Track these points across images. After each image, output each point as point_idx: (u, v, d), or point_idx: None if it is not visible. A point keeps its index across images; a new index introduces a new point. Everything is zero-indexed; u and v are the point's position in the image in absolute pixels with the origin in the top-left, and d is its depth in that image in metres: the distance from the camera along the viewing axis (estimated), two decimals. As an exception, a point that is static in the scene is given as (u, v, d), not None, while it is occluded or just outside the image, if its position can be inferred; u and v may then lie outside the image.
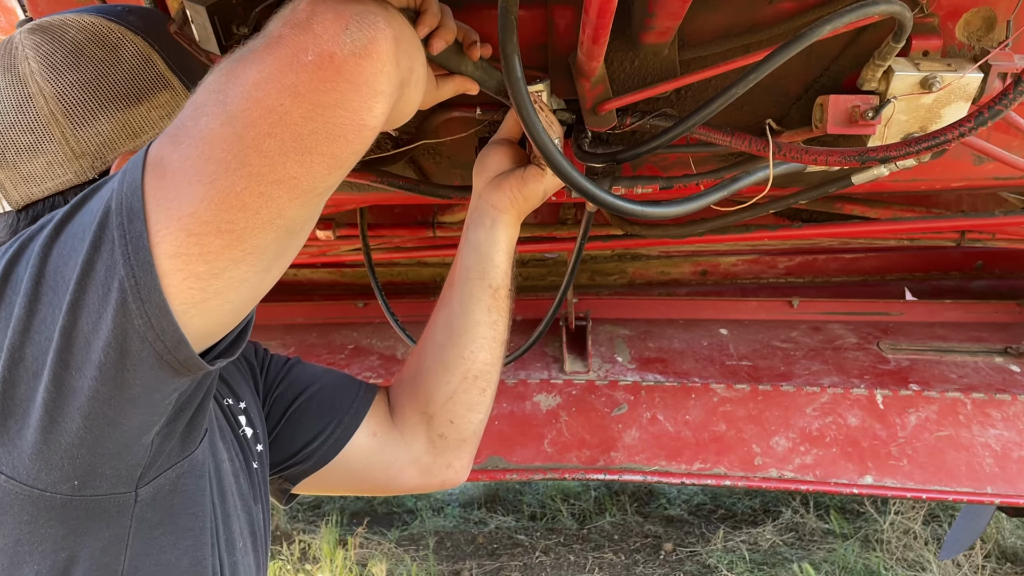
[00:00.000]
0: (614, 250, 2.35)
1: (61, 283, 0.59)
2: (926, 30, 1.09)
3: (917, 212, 1.73)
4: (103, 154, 0.80)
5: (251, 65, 0.60)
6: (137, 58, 0.83)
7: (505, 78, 0.93)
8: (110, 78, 0.81)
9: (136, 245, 0.57)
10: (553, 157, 1.00)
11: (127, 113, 0.81)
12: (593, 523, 3.59)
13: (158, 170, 0.59)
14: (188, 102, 0.62)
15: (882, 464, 1.70)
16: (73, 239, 0.60)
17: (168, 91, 0.84)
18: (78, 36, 0.81)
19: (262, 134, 0.58)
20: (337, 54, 0.60)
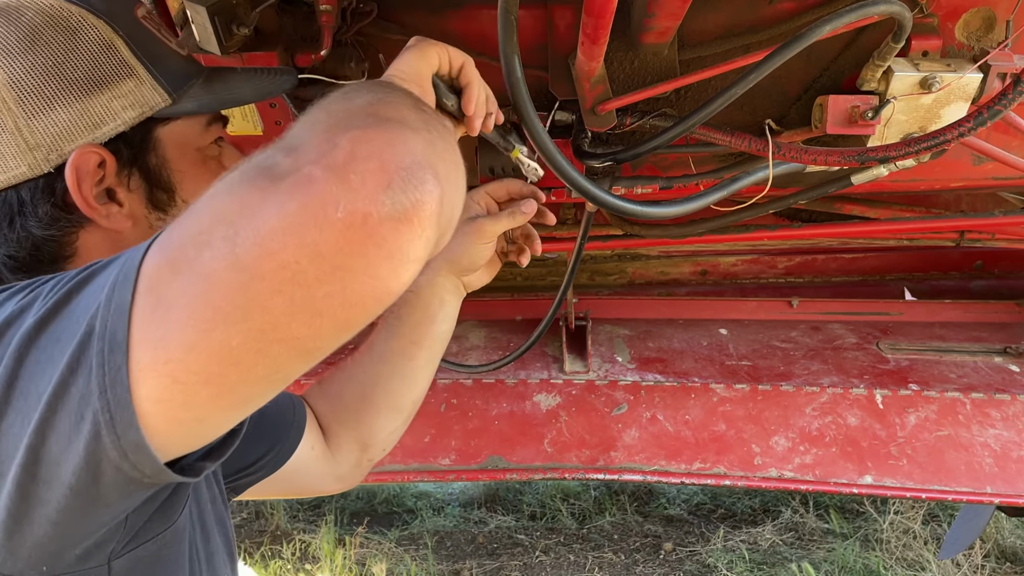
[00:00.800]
0: (614, 250, 2.35)
1: (33, 393, 0.54)
2: (926, 30, 1.10)
3: (917, 212, 1.73)
4: (59, 146, 0.75)
5: (270, 206, 0.51)
6: (98, 43, 0.78)
7: (505, 79, 0.93)
8: (68, 64, 0.75)
9: (114, 379, 0.51)
10: (553, 157, 1.00)
11: (86, 102, 0.76)
12: (593, 523, 3.59)
13: (151, 298, 0.52)
14: (193, 213, 0.55)
15: (882, 464, 1.70)
16: (52, 346, 0.54)
17: (132, 79, 0.79)
18: (35, 19, 0.75)
19: (271, 290, 0.50)
20: (372, 216, 0.51)
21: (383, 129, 0.56)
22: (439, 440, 1.81)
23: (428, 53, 0.84)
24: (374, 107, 0.61)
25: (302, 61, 1.10)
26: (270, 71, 0.96)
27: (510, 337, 2.10)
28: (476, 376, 1.92)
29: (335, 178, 0.51)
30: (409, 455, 1.79)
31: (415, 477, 1.79)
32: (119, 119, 0.78)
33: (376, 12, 1.14)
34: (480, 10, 1.17)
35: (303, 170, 0.52)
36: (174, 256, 0.53)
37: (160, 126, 0.82)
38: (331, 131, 0.55)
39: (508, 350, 1.96)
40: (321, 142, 0.54)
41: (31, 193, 0.75)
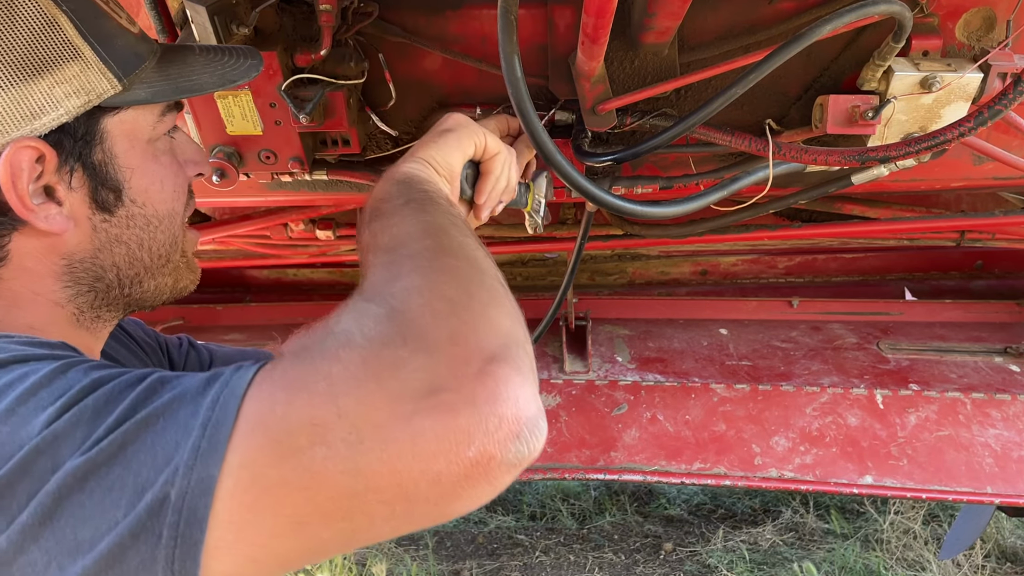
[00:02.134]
0: (614, 250, 2.35)
1: (70, 539, 0.49)
2: (926, 30, 1.10)
3: (917, 212, 1.73)
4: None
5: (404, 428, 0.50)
6: (38, 19, 0.67)
7: (505, 78, 0.93)
8: (2, 44, 0.65)
9: (185, 553, 0.48)
10: (553, 157, 1.00)
11: (22, 89, 0.65)
12: (593, 523, 3.59)
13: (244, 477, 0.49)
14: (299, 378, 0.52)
15: (882, 464, 1.70)
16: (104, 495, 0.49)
17: (77, 62, 0.69)
18: None
19: (380, 501, 0.50)
20: (496, 459, 0.52)
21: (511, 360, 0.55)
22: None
23: (466, 144, 0.85)
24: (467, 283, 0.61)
25: (302, 61, 1.10)
26: (233, 52, 0.86)
27: (510, 337, 2.09)
28: (476, 376, 1.92)
29: (477, 418, 0.51)
30: (409, 455, 1.79)
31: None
32: (61, 108, 0.68)
33: (376, 12, 1.14)
34: (480, 10, 1.17)
35: (442, 396, 0.51)
36: (279, 440, 0.50)
37: (107, 116, 0.73)
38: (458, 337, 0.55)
39: (508, 350, 1.96)
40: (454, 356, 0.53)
41: None
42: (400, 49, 1.21)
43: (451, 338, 0.55)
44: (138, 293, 0.81)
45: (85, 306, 0.77)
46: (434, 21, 1.19)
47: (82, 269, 0.74)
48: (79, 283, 0.75)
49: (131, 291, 0.80)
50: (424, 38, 1.19)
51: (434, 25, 1.19)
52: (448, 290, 0.59)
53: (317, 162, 1.31)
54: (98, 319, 0.79)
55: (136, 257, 0.78)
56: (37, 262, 0.72)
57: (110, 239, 0.75)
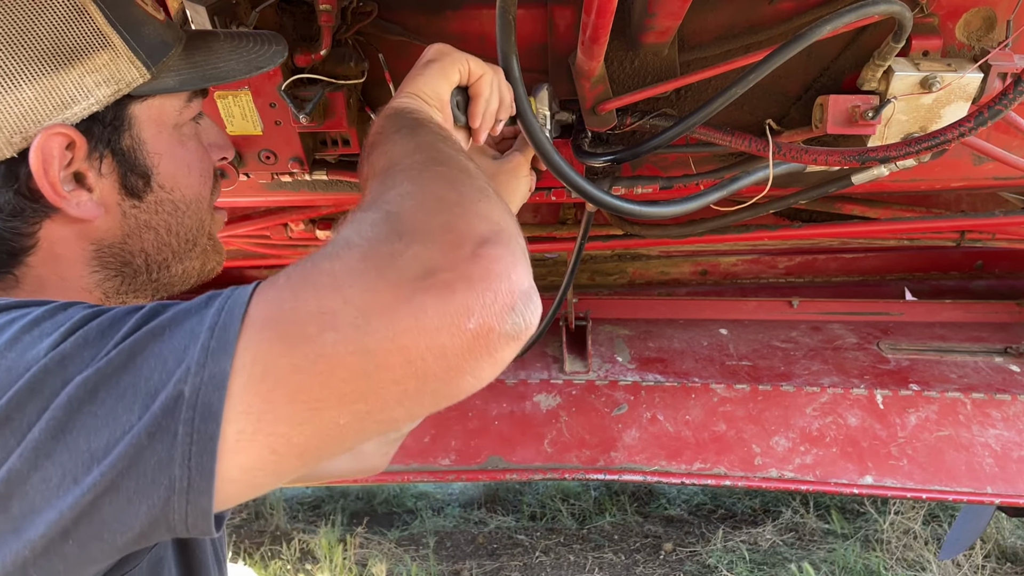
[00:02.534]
0: (614, 250, 2.35)
1: (83, 450, 0.50)
2: (926, 30, 1.10)
3: (917, 212, 1.73)
4: (23, 127, 0.65)
5: (408, 307, 0.52)
6: (68, 8, 0.67)
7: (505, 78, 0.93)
8: (34, 34, 0.65)
9: (202, 448, 0.50)
10: (551, 157, 1.00)
11: (55, 78, 0.66)
12: (593, 523, 3.59)
13: (257, 369, 0.50)
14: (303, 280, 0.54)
15: (882, 464, 1.70)
16: (116, 403, 0.50)
17: (107, 51, 0.69)
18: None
19: (391, 379, 0.53)
20: (495, 330, 0.55)
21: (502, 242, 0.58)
22: (439, 440, 1.81)
23: (449, 71, 0.84)
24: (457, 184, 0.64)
25: (302, 61, 1.10)
26: (256, 37, 0.86)
27: (510, 337, 2.09)
28: (476, 376, 1.92)
29: (473, 292, 0.54)
30: (409, 455, 1.79)
31: (415, 477, 1.78)
32: (92, 97, 0.68)
33: (376, 12, 1.14)
34: (479, 10, 1.17)
35: (440, 276, 0.54)
36: (289, 331, 0.52)
37: (135, 103, 0.73)
38: (450, 225, 0.58)
39: (508, 350, 1.96)
40: (447, 242, 0.56)
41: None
42: (400, 49, 1.21)
43: (444, 227, 0.57)
44: (166, 278, 0.81)
45: (112, 291, 0.77)
46: (434, 21, 1.19)
47: (111, 254, 0.75)
48: (107, 268, 0.76)
49: (159, 276, 0.80)
50: (424, 38, 1.19)
51: (434, 25, 1.19)
52: (439, 190, 0.62)
53: (317, 162, 1.31)
54: (125, 304, 0.78)
55: (164, 242, 0.79)
56: (67, 248, 0.72)
57: (139, 224, 0.76)
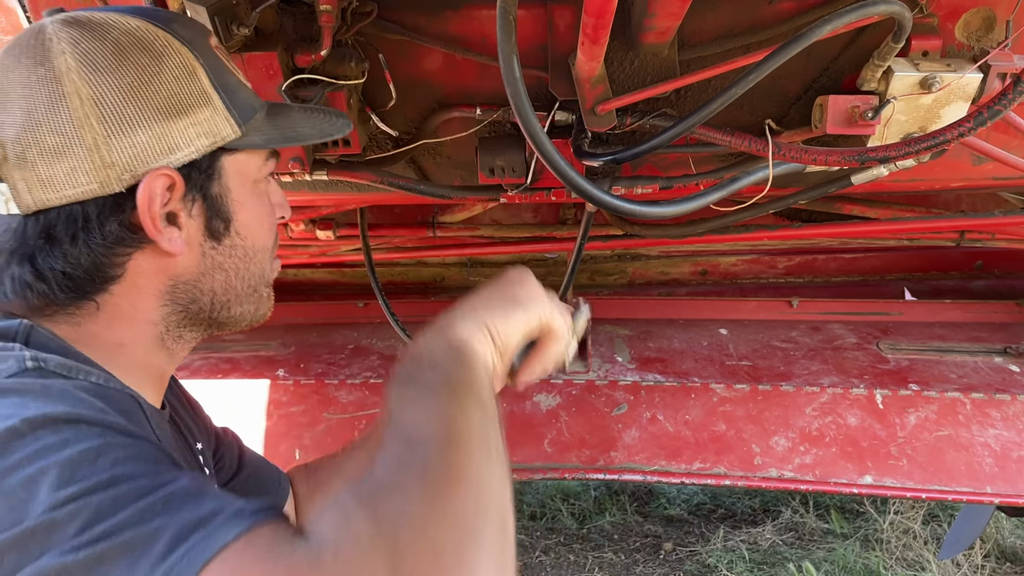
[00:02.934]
0: (614, 250, 2.35)
1: None
2: (926, 30, 1.10)
3: (917, 212, 1.73)
4: (134, 167, 0.74)
5: None
6: (181, 69, 0.78)
7: (504, 79, 0.93)
8: (152, 87, 0.75)
9: None
10: (551, 158, 1.00)
11: (165, 126, 0.76)
12: (593, 523, 3.59)
13: None
14: None
15: (881, 464, 1.70)
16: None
17: (208, 108, 0.79)
18: (122, 38, 0.75)
19: None
20: None
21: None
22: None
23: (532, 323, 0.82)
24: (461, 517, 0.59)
25: (302, 61, 1.10)
26: (325, 111, 0.96)
27: (510, 337, 2.09)
28: (476, 376, 1.92)
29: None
30: (409, 455, 1.79)
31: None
32: (193, 146, 0.78)
33: (376, 12, 1.14)
34: (479, 10, 1.17)
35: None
36: None
37: (226, 156, 0.82)
38: None
39: (508, 350, 1.96)
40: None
41: (98, 210, 0.74)
42: (400, 49, 1.21)
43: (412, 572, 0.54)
44: (224, 317, 0.88)
45: (173, 325, 0.84)
46: (434, 21, 1.19)
47: (183, 291, 0.83)
48: (176, 303, 0.83)
49: (218, 315, 0.87)
50: (424, 38, 1.19)
51: (434, 25, 1.19)
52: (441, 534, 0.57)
53: (317, 162, 1.31)
54: (180, 338, 0.86)
55: (231, 284, 0.86)
56: (148, 281, 0.80)
57: (214, 265, 0.84)
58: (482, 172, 1.31)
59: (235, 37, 1.02)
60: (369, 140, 1.35)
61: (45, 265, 0.74)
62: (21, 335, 0.72)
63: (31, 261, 0.74)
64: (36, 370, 0.66)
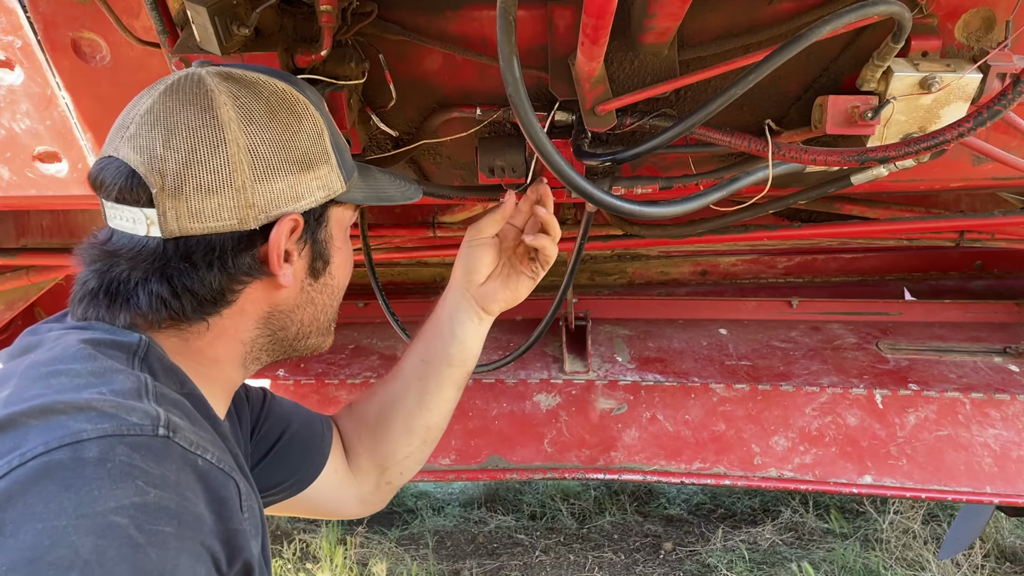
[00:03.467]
0: (614, 250, 2.35)
1: None
2: (925, 31, 1.10)
3: (916, 212, 1.74)
4: (268, 209, 0.84)
5: None
6: (314, 130, 0.89)
7: (504, 79, 0.94)
8: (294, 143, 0.86)
9: None
10: (551, 157, 1.00)
11: (298, 177, 0.87)
12: (593, 523, 3.59)
13: None
14: None
15: (881, 464, 1.70)
16: None
17: (327, 165, 0.90)
18: (272, 98, 0.86)
19: None
20: None
21: None
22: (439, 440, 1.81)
23: None
24: None
25: (302, 61, 1.10)
26: (402, 177, 1.10)
27: (510, 337, 2.10)
28: (476, 376, 1.92)
29: None
30: (409, 455, 1.79)
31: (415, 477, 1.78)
32: (313, 196, 0.89)
33: (376, 12, 1.14)
34: (479, 10, 1.17)
35: None
36: None
37: (333, 207, 0.94)
38: None
39: (508, 350, 1.96)
40: None
41: (233, 243, 0.83)
42: (400, 49, 1.21)
43: None
44: (300, 346, 0.99)
45: (258, 348, 0.94)
46: (434, 21, 1.19)
47: (277, 319, 0.93)
48: (268, 327, 0.93)
49: (297, 343, 0.98)
50: (424, 38, 1.19)
51: (434, 25, 1.19)
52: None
53: (317, 162, 1.31)
54: (258, 360, 0.95)
55: (316, 318, 0.98)
56: (253, 307, 0.90)
57: (308, 299, 0.95)
58: (482, 172, 1.31)
59: (235, 37, 1.02)
60: (369, 140, 1.35)
61: (180, 284, 0.82)
62: (141, 350, 0.79)
63: (170, 280, 0.82)
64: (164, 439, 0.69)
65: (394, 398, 1.22)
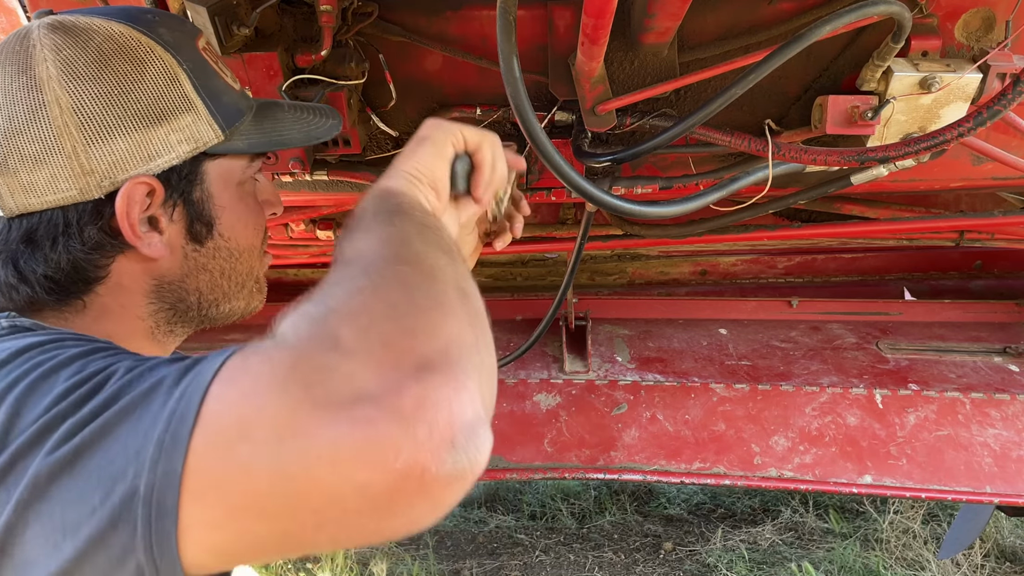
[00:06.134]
0: (614, 250, 2.35)
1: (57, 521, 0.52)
2: (925, 30, 1.10)
3: (916, 212, 1.74)
4: (113, 174, 0.75)
5: (324, 434, 0.49)
6: (163, 76, 0.78)
7: (504, 79, 0.94)
8: (133, 95, 0.76)
9: (162, 541, 0.51)
10: (551, 157, 1.00)
11: (145, 134, 0.76)
12: (593, 522, 3.59)
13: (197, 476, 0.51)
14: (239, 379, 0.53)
15: (881, 463, 1.70)
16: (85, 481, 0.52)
17: (190, 113, 0.79)
18: (104, 45, 0.75)
19: (306, 508, 0.50)
20: (431, 471, 0.49)
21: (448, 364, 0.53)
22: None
23: (443, 147, 0.83)
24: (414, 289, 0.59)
25: (302, 61, 1.10)
26: (316, 110, 0.96)
27: (510, 337, 2.10)
28: (476, 376, 1.92)
29: (401, 426, 0.48)
30: (409, 455, 1.79)
31: (415, 477, 1.78)
32: (174, 153, 0.78)
33: (376, 13, 1.14)
34: (479, 11, 1.17)
35: (367, 403, 0.49)
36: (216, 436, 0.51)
37: (208, 161, 0.83)
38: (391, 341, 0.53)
39: (508, 350, 1.96)
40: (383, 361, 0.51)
41: (77, 216, 0.75)
42: (400, 50, 1.22)
43: (383, 343, 0.53)
44: (213, 314, 0.90)
45: (162, 321, 0.85)
46: (434, 22, 1.19)
47: (169, 291, 0.84)
48: (163, 301, 0.84)
49: (207, 312, 0.89)
50: (424, 38, 1.19)
51: (434, 26, 1.19)
52: (390, 295, 0.58)
53: (318, 162, 1.31)
54: (171, 333, 0.87)
55: (217, 283, 0.87)
56: (132, 281, 0.81)
57: (197, 266, 0.85)
58: None
59: (235, 37, 1.02)
60: (369, 140, 1.35)
61: (27, 268, 0.75)
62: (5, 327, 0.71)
63: (14, 264, 0.76)
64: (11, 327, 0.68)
65: None
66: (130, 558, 0.51)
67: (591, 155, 1.20)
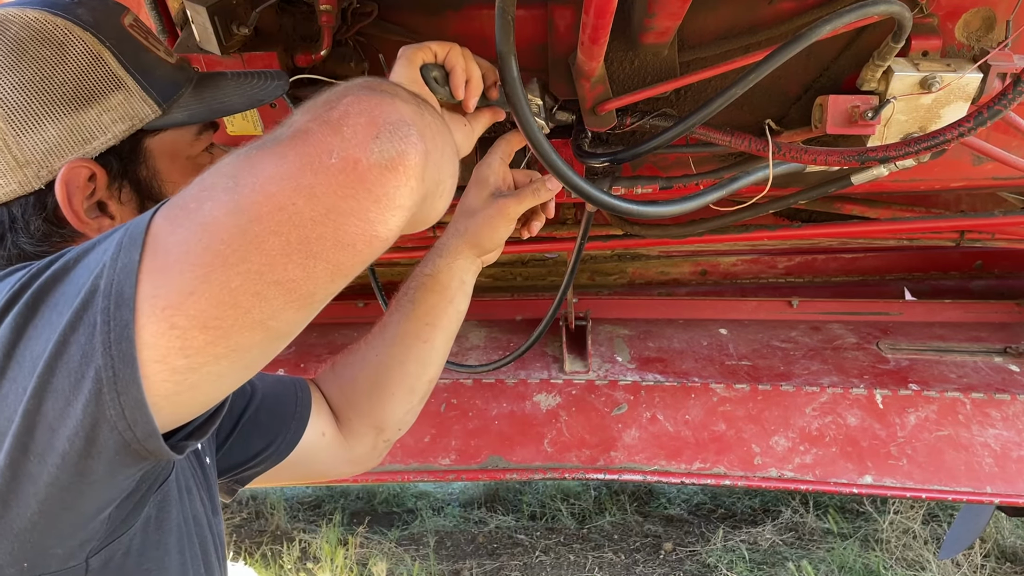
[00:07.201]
0: (614, 250, 2.35)
1: (28, 359, 0.54)
2: (925, 30, 1.10)
3: (916, 212, 1.73)
4: (49, 162, 0.74)
5: (270, 157, 0.56)
6: (86, 56, 0.76)
7: (502, 78, 0.93)
8: (56, 79, 0.74)
9: (120, 335, 0.52)
10: (550, 158, 1.00)
11: (76, 117, 0.75)
12: (593, 523, 3.59)
13: (153, 250, 0.54)
14: (196, 180, 0.57)
15: (881, 464, 1.70)
16: (51, 312, 0.54)
17: (121, 91, 0.78)
18: (20, 33, 0.73)
19: (268, 231, 0.54)
20: (362, 162, 0.56)
21: (375, 94, 0.61)
22: (439, 440, 1.81)
23: (412, 58, 0.87)
24: (369, 83, 0.65)
25: (302, 61, 1.10)
26: (261, 75, 0.94)
27: (510, 337, 2.10)
28: (476, 376, 1.92)
29: (330, 129, 0.57)
30: (409, 455, 1.79)
31: (415, 477, 1.79)
32: (109, 133, 0.77)
33: (376, 12, 1.14)
34: (479, 10, 1.17)
35: (300, 127, 0.57)
36: (175, 213, 0.56)
37: (150, 137, 0.81)
38: (329, 99, 0.61)
39: (508, 350, 1.96)
40: (319, 107, 0.60)
41: (22, 209, 0.74)
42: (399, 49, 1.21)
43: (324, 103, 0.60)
44: None
45: None
46: (434, 21, 1.19)
47: None
48: None
49: None
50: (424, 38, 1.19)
51: (434, 25, 1.19)
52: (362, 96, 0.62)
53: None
54: None
55: None
56: None
57: None
58: None
59: (235, 37, 1.02)
60: (369, 140, 1.34)
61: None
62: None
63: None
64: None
65: (393, 362, 1.14)
66: (89, 366, 0.52)
67: (591, 155, 1.20)
